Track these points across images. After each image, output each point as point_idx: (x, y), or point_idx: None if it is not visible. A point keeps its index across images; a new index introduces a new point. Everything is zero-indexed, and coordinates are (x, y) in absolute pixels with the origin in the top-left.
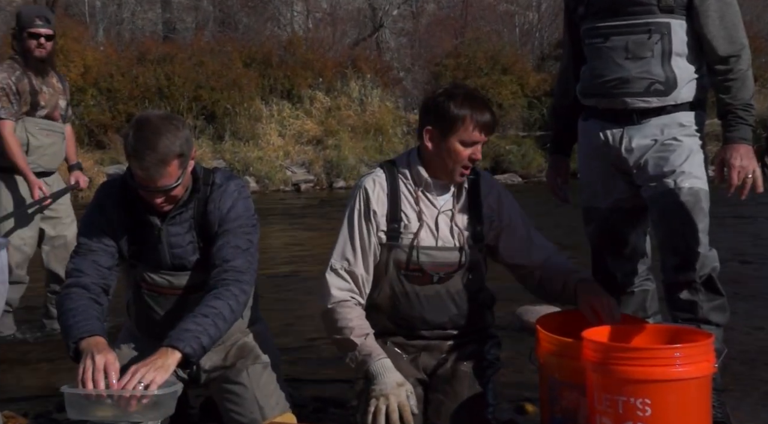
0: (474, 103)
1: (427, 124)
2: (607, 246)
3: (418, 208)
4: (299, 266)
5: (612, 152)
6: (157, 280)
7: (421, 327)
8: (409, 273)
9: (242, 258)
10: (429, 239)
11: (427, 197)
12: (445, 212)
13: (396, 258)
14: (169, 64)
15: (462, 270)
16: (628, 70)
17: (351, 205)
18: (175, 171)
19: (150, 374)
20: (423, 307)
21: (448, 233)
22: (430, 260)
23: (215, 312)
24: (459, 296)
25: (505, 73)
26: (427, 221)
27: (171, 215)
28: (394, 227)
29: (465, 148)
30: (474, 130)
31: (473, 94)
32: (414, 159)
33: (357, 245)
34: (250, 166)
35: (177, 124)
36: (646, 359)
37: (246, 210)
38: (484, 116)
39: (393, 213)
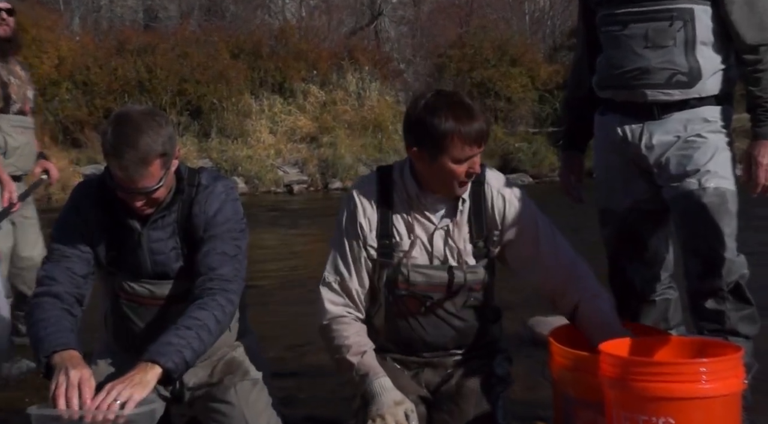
0: (459, 114)
1: (412, 144)
2: (626, 251)
3: (411, 224)
4: (291, 274)
5: (631, 149)
6: (136, 289)
7: (421, 349)
8: (403, 293)
9: (229, 265)
10: (422, 257)
11: (422, 212)
12: (442, 228)
13: (388, 276)
14: (150, 56)
15: (463, 291)
16: (648, 59)
17: (340, 216)
18: (158, 171)
19: (127, 391)
20: (422, 329)
21: (444, 250)
22: (424, 280)
23: (199, 324)
24: (461, 317)
25: (514, 65)
26: (421, 238)
27: (152, 219)
28: (385, 243)
29: (459, 165)
30: (465, 146)
31: (457, 102)
32: (406, 171)
33: (348, 259)
34: (238, 166)
35: (159, 121)
36: (668, 374)
37: (234, 213)
38: (473, 128)
39: (383, 228)
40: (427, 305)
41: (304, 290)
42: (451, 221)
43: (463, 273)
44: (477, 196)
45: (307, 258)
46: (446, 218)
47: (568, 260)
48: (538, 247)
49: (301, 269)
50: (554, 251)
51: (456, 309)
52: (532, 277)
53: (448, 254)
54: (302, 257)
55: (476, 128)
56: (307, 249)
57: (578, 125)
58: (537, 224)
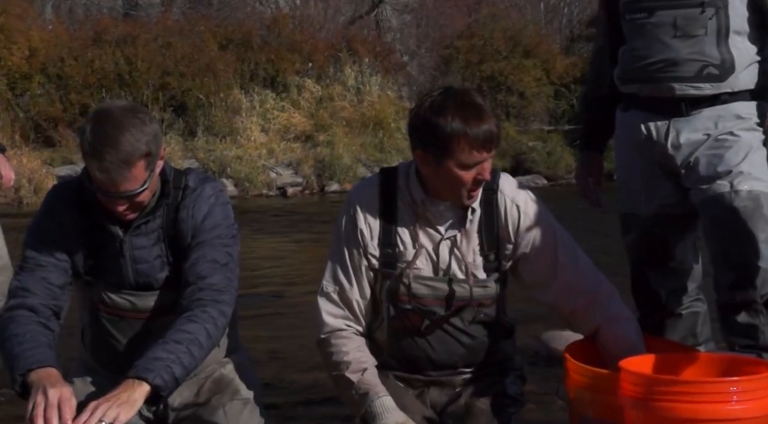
0: (467, 115)
1: (416, 147)
2: (650, 259)
3: (416, 232)
4: (285, 284)
5: (656, 149)
6: (117, 301)
7: (427, 367)
8: (406, 306)
9: (220, 274)
10: (427, 268)
11: (428, 220)
12: (449, 239)
13: (390, 288)
14: (130, 47)
15: (471, 306)
16: (676, 50)
17: (339, 221)
18: (141, 173)
19: (113, 410)
20: (428, 346)
21: (450, 262)
22: (429, 293)
23: (190, 338)
24: (470, 333)
25: (528, 57)
26: (426, 247)
27: (135, 225)
28: (387, 252)
29: (466, 171)
30: (472, 151)
31: (466, 102)
32: (412, 174)
33: (348, 268)
34: (227, 167)
35: (143, 118)
36: (696, 394)
37: (224, 218)
38: (482, 130)
39: (386, 236)
40: (433, 319)
41: (298, 301)
42: (460, 232)
43: (468, 287)
44: (489, 206)
45: (302, 267)
46: (454, 228)
47: (589, 278)
48: (556, 262)
49: (295, 278)
50: (574, 267)
51: (464, 325)
52: (548, 296)
53: (455, 266)
54: (297, 266)
55: (485, 131)
56: (303, 257)
57: (597, 123)
58: (555, 237)
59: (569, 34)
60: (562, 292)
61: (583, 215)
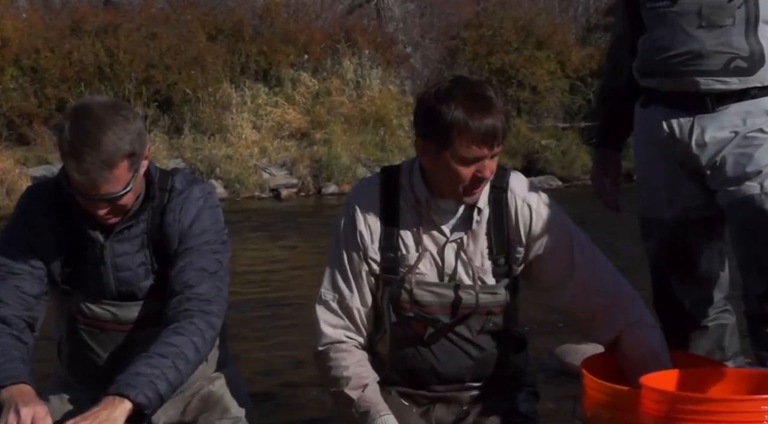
0: (471, 106)
1: (417, 134)
2: (672, 267)
3: (419, 234)
4: (280, 294)
5: (679, 147)
6: (97, 312)
7: (432, 380)
8: (409, 314)
9: (209, 283)
10: (432, 273)
11: (432, 221)
12: (455, 241)
13: (393, 295)
14: (111, 37)
15: (478, 314)
16: (701, 41)
17: (337, 224)
18: (124, 175)
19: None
20: (433, 357)
21: (456, 266)
22: (433, 300)
23: (176, 351)
24: (478, 344)
25: (541, 48)
26: (431, 251)
27: (117, 230)
28: (389, 256)
29: (465, 166)
30: (471, 145)
31: (474, 94)
32: (416, 171)
33: (348, 273)
34: (216, 167)
35: (126, 115)
36: (723, 413)
37: (214, 223)
38: (484, 124)
39: (388, 239)
40: (437, 328)
41: (294, 312)
42: (466, 233)
43: (475, 294)
44: (498, 205)
45: (297, 275)
46: (460, 230)
47: (609, 279)
48: (572, 263)
49: (290, 287)
50: (592, 268)
51: (472, 335)
52: (564, 298)
53: (461, 270)
54: (292, 274)
55: (487, 125)
56: (298, 264)
57: (615, 118)
58: (570, 237)
59: (585, 23)
60: (579, 294)
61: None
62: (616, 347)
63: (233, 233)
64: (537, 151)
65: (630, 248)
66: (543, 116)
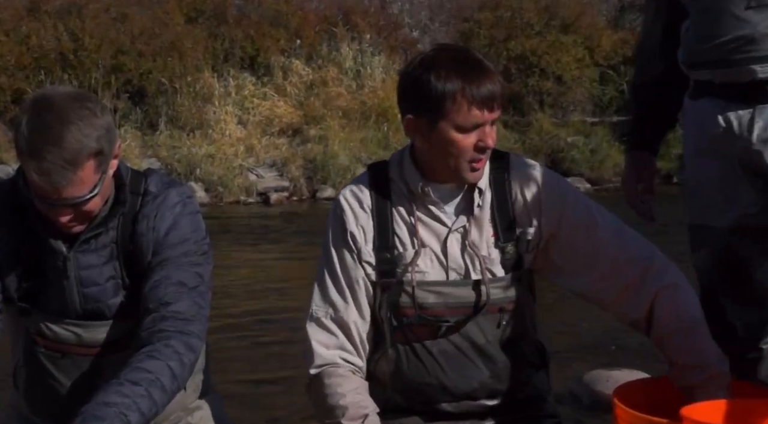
0: (464, 70)
1: (406, 111)
2: (726, 283)
3: (416, 228)
4: (268, 312)
5: (737, 144)
6: (59, 333)
7: (440, 398)
8: (411, 321)
9: (188, 300)
10: (435, 270)
11: (430, 211)
12: (457, 230)
13: (392, 301)
14: (75, 19)
15: (489, 313)
16: (752, 24)
17: (327, 230)
18: (90, 176)
19: None
20: (440, 369)
21: (462, 260)
22: (441, 301)
23: (150, 378)
24: (490, 349)
25: (567, 32)
26: (431, 246)
27: (83, 239)
28: (385, 256)
29: (465, 134)
30: (472, 108)
31: (464, 57)
32: (406, 159)
33: (342, 283)
34: (196, 168)
35: (93, 108)
36: None
37: (193, 231)
38: (483, 85)
39: (382, 238)
40: (444, 331)
41: (284, 332)
42: (468, 220)
43: (485, 288)
44: (500, 186)
45: (288, 290)
46: (461, 216)
47: (638, 248)
48: (597, 240)
49: (281, 304)
50: (620, 240)
51: (483, 340)
52: (589, 282)
53: (468, 263)
54: (282, 290)
55: (487, 87)
56: (289, 278)
57: (649, 117)
58: (589, 210)
59: (618, 3)
60: (607, 272)
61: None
62: (651, 317)
63: (215, 243)
64: (562, 149)
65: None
66: (569, 110)
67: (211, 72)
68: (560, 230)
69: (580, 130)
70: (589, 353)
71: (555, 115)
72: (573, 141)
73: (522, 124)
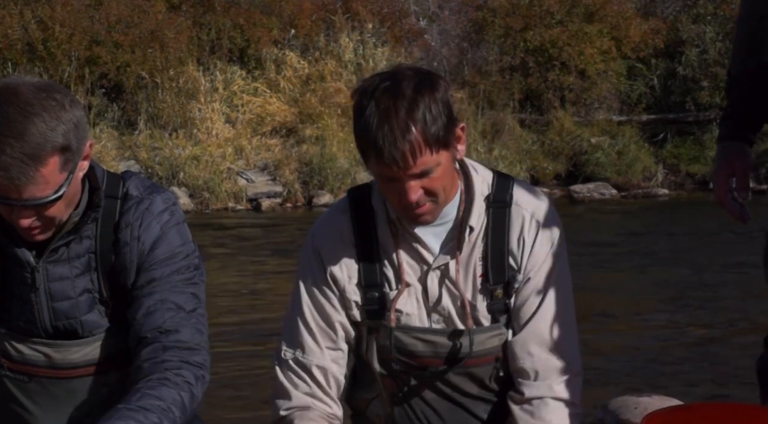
0: (387, 117)
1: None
2: None
3: (401, 265)
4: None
5: None
6: (27, 354)
7: None
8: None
9: (189, 327)
10: (417, 312)
11: (412, 247)
12: (438, 268)
13: (381, 344)
14: (45, 6)
15: (481, 366)
16: None
17: (300, 264)
18: (54, 175)
19: None
20: (436, 416)
21: (444, 301)
22: (425, 349)
23: (162, 407)
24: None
25: (591, 21)
26: (414, 284)
27: (53, 247)
28: (372, 296)
29: (386, 184)
30: (379, 162)
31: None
32: None
33: (312, 324)
34: (179, 171)
35: (61, 100)
36: None
37: (182, 244)
38: (390, 141)
39: (368, 275)
40: (429, 381)
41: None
42: (454, 258)
43: (470, 339)
44: (499, 223)
45: (281, 306)
46: (445, 254)
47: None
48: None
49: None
50: (549, 330)
51: (480, 389)
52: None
53: (450, 306)
54: (275, 307)
55: (399, 147)
56: (282, 293)
57: (748, 103)
58: (558, 281)
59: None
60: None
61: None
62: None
63: (201, 255)
64: (585, 151)
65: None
66: (593, 107)
67: (195, 65)
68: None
69: (605, 130)
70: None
71: (577, 114)
72: (597, 142)
73: (541, 123)
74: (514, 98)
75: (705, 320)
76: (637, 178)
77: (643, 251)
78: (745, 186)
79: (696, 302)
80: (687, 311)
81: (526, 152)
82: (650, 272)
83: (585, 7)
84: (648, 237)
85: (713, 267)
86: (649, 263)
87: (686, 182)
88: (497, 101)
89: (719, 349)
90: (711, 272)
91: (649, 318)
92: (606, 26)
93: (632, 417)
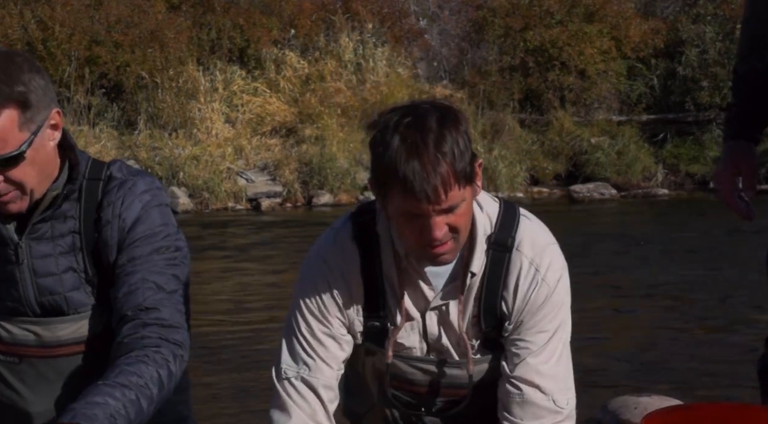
0: (416, 151)
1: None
2: None
3: (403, 297)
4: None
5: None
6: (16, 334)
7: None
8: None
9: (170, 306)
10: (419, 345)
11: (415, 282)
12: (438, 308)
13: (378, 367)
14: (45, 6)
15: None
16: None
17: (304, 281)
18: (11, 130)
19: None
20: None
21: (441, 337)
22: (423, 378)
23: (140, 383)
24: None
25: (591, 20)
26: (415, 317)
27: (35, 221)
28: (374, 325)
29: (408, 220)
30: (408, 200)
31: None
32: None
33: (313, 343)
34: (179, 171)
35: (20, 63)
36: None
37: (163, 224)
38: (428, 179)
39: (370, 304)
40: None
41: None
42: (456, 299)
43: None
44: (497, 269)
45: (281, 307)
46: (447, 296)
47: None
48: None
49: (272, 325)
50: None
51: (478, 414)
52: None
53: (447, 342)
54: (274, 308)
55: (433, 181)
56: (282, 295)
57: (755, 102)
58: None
59: None
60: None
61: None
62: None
63: (200, 254)
64: (585, 151)
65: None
66: (593, 107)
67: (195, 65)
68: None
69: (605, 131)
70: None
71: (577, 114)
72: (597, 142)
73: (541, 123)
74: (514, 98)
75: (705, 319)
76: (637, 178)
77: (642, 250)
78: (752, 185)
79: (696, 302)
80: (687, 311)
81: (526, 152)
82: (650, 272)
83: (585, 7)
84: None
85: (713, 267)
86: (648, 263)
87: (686, 182)
88: (497, 101)
89: (719, 349)
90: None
91: (649, 318)
92: (606, 26)
93: (632, 417)
